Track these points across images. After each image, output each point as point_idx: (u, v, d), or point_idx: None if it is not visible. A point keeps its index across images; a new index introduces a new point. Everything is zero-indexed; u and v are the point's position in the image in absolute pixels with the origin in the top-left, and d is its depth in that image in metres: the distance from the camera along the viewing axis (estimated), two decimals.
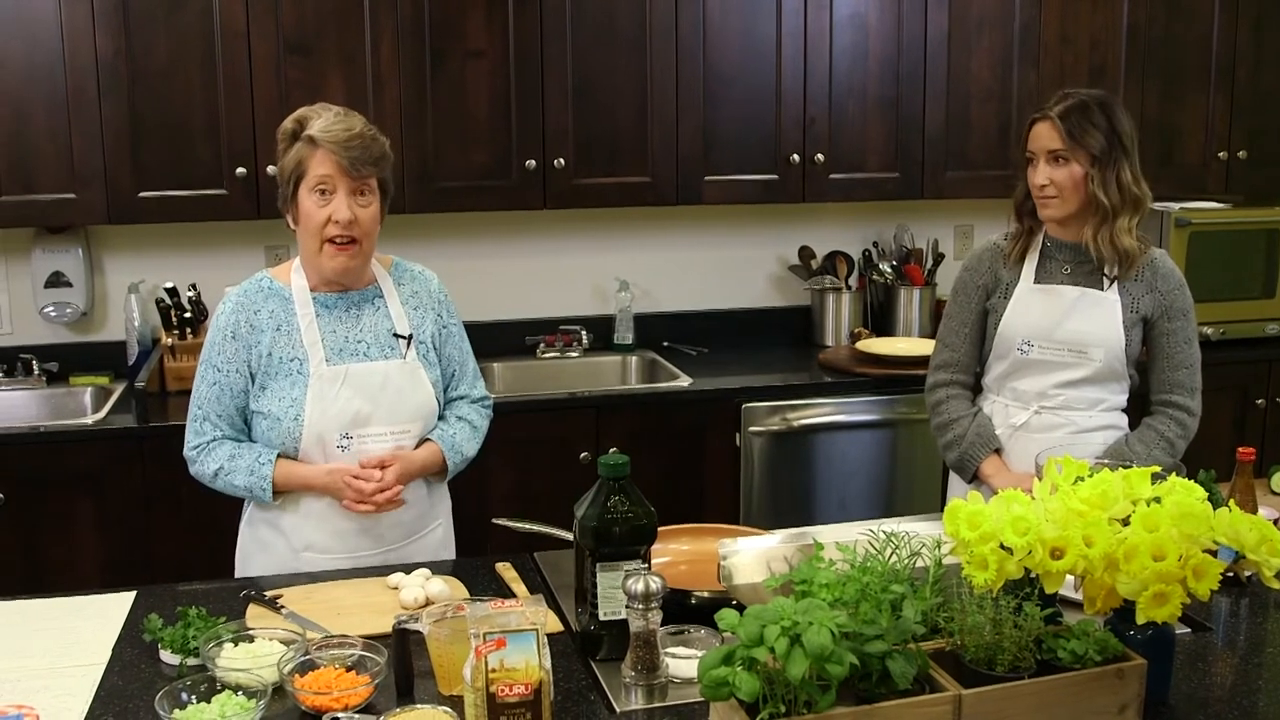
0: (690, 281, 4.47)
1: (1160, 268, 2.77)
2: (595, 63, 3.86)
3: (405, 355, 2.48)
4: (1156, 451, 2.73)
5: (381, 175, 2.43)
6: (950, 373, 2.97)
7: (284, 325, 2.44)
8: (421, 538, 2.56)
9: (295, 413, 2.39)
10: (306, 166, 2.37)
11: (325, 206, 2.36)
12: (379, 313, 2.50)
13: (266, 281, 2.49)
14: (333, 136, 2.34)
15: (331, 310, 2.47)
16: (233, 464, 2.42)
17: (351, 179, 2.36)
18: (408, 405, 2.47)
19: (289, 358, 2.42)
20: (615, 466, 1.96)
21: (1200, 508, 1.71)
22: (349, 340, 2.46)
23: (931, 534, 1.86)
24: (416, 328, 2.52)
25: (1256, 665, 1.99)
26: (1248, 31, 4.41)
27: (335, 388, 2.41)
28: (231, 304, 2.47)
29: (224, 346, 2.43)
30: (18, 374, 3.83)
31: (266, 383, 2.42)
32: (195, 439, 2.46)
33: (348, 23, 3.65)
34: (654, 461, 3.66)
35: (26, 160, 3.50)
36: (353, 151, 2.34)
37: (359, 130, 2.37)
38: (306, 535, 2.46)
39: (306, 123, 2.38)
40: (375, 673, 1.85)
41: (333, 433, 2.41)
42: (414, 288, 2.57)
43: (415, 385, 2.49)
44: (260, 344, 2.42)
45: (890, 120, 4.15)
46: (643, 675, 1.84)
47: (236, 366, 2.43)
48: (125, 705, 1.85)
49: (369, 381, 2.44)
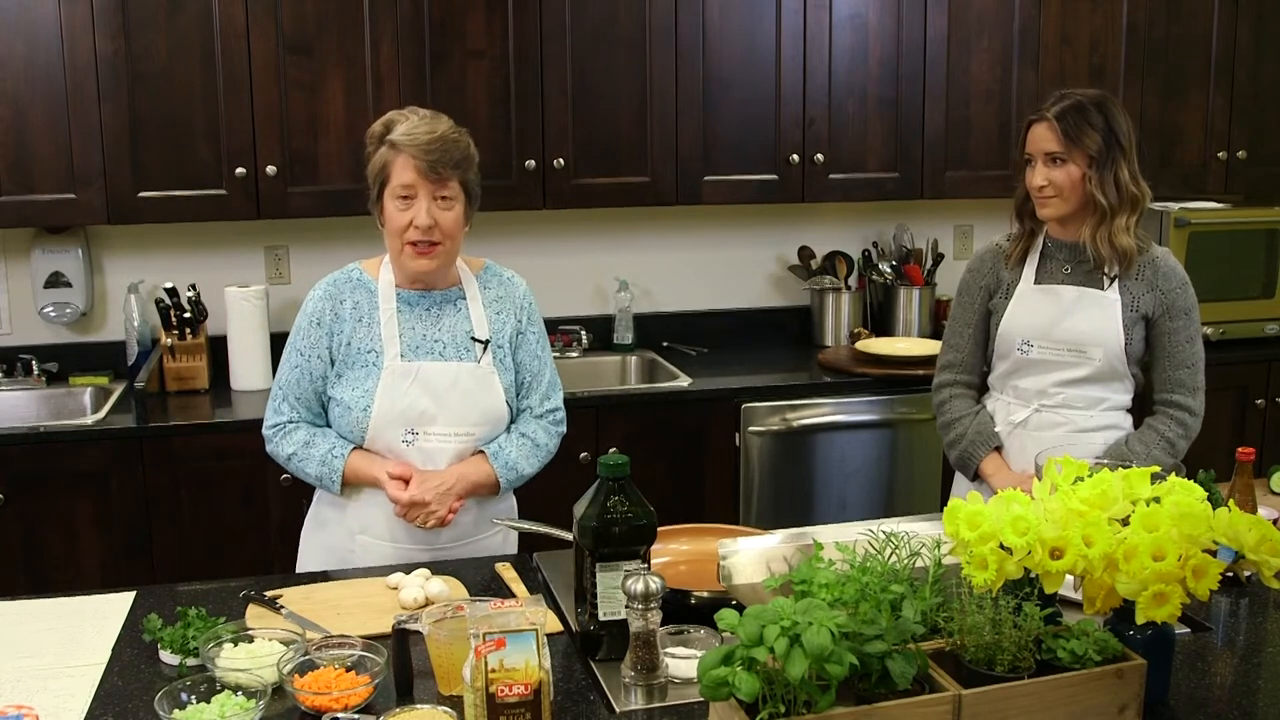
0: (690, 281, 4.47)
1: (1162, 266, 2.77)
2: (595, 63, 3.87)
3: (480, 359, 2.50)
4: (1156, 451, 2.73)
5: (464, 178, 2.44)
6: (954, 373, 2.97)
7: (365, 317, 2.49)
8: (478, 540, 2.56)
9: (365, 403, 2.44)
10: (389, 172, 2.41)
11: (406, 211, 2.40)
12: (460, 314, 2.53)
13: (356, 273, 2.54)
14: (413, 140, 2.37)
15: (413, 308, 2.51)
16: (306, 451, 2.48)
17: (431, 182, 2.38)
18: (474, 408, 2.49)
19: (366, 349, 2.47)
20: (615, 466, 1.96)
21: (1200, 508, 1.71)
22: (426, 339, 2.49)
23: (931, 534, 1.86)
24: (496, 332, 2.54)
25: (1256, 665, 1.99)
26: (1247, 31, 4.42)
27: (406, 383, 2.45)
28: (321, 291, 2.53)
29: (309, 332, 2.50)
30: (17, 374, 3.83)
31: (344, 371, 2.48)
32: (274, 418, 2.53)
33: (348, 23, 3.65)
34: (654, 461, 3.67)
35: (26, 160, 3.50)
36: (433, 155, 2.37)
37: (441, 133, 2.40)
38: (364, 519, 2.50)
39: (392, 127, 2.42)
40: (375, 673, 1.85)
41: (398, 427, 2.45)
42: (499, 291, 2.59)
43: (485, 389, 2.50)
44: (342, 333, 2.48)
45: (890, 120, 4.16)
46: (642, 675, 1.84)
47: (319, 353, 2.49)
48: (125, 705, 1.85)
49: (438, 381, 2.46)
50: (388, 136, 2.41)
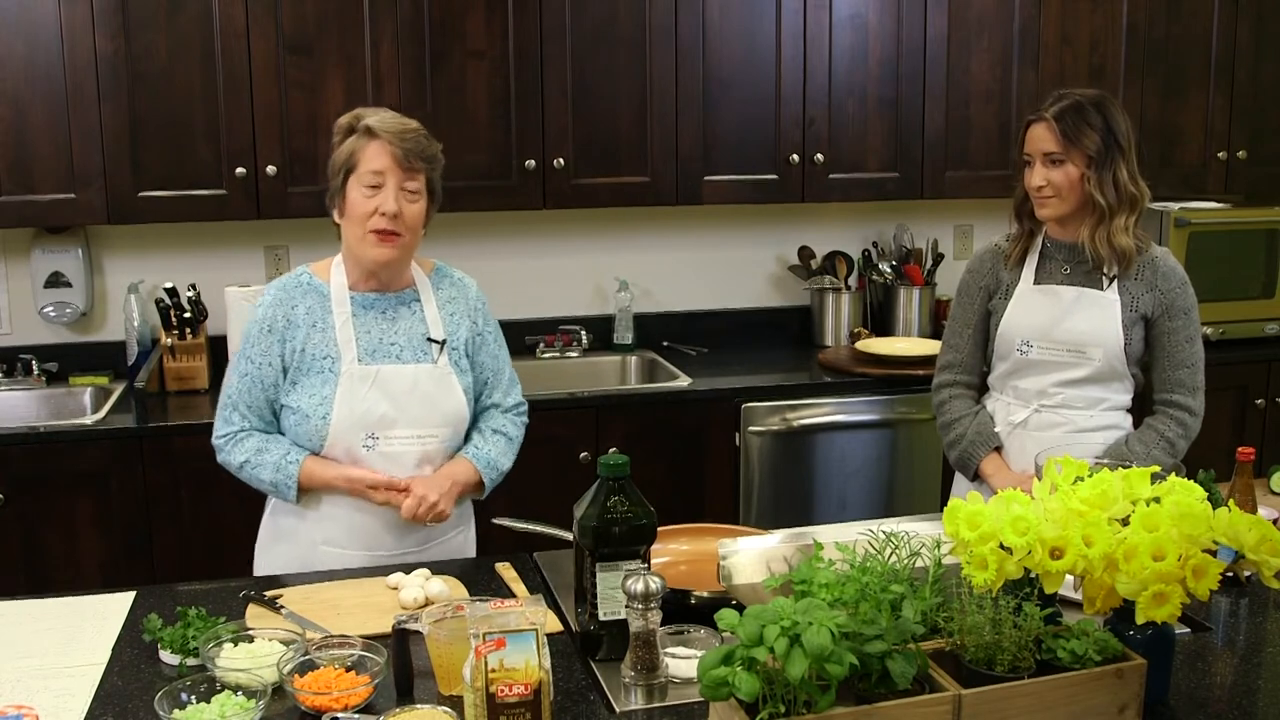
0: (690, 281, 4.47)
1: (1161, 266, 2.77)
2: (595, 63, 3.87)
3: (437, 360, 2.49)
4: (1156, 451, 2.73)
5: (431, 175, 2.45)
6: (954, 373, 2.97)
7: (319, 322, 2.46)
8: (441, 542, 2.55)
9: (324, 411, 2.41)
10: (359, 159, 2.39)
11: (373, 198, 2.39)
12: (415, 316, 2.52)
13: (306, 277, 2.51)
14: (389, 127, 2.39)
15: (368, 310, 2.49)
16: (259, 458, 2.44)
17: (403, 170, 2.38)
18: (435, 410, 2.48)
19: (322, 355, 2.44)
20: (615, 466, 1.96)
21: (1200, 508, 1.71)
22: (383, 342, 2.47)
23: (931, 534, 1.86)
24: (451, 333, 2.53)
25: (1256, 665, 1.99)
26: (1247, 31, 4.42)
27: (364, 388, 2.42)
28: (270, 298, 2.49)
29: (259, 340, 2.45)
30: (17, 374, 3.83)
31: (298, 378, 2.44)
32: (224, 428, 2.49)
33: (347, 23, 3.65)
34: (654, 461, 3.66)
35: (26, 160, 3.50)
36: (407, 143, 2.38)
37: (414, 126, 2.43)
38: (327, 529, 2.47)
39: (363, 117, 2.43)
40: (375, 673, 1.85)
41: (358, 432, 2.42)
42: (452, 293, 2.58)
43: (445, 391, 2.49)
44: (295, 339, 2.45)
45: (890, 120, 4.16)
46: (642, 675, 1.84)
47: (270, 360, 2.45)
48: (125, 705, 1.85)
49: (398, 384, 2.45)
50: (361, 124, 2.40)
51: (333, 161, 2.45)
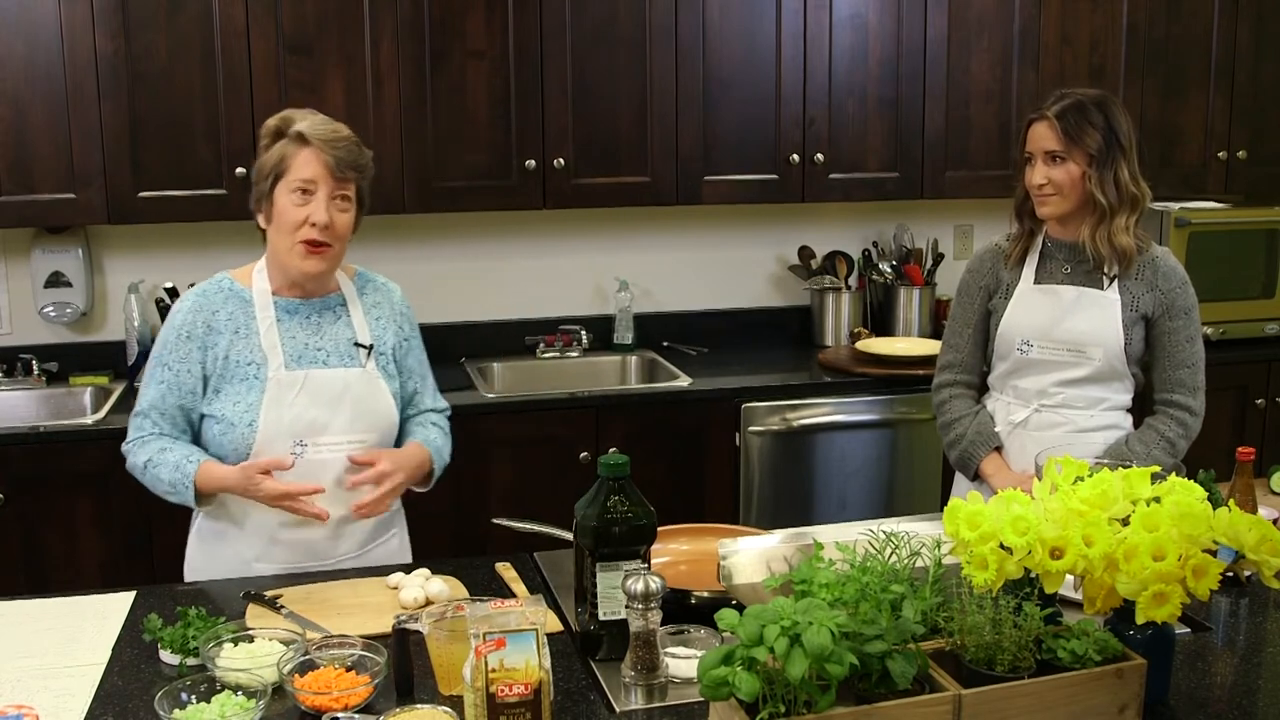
0: (690, 281, 4.47)
1: (1161, 266, 2.77)
2: (595, 62, 3.86)
3: (365, 365, 2.45)
4: (1156, 451, 2.73)
5: (361, 184, 2.40)
6: (954, 373, 2.97)
7: (242, 328, 2.40)
8: (378, 546, 2.53)
9: (250, 418, 2.35)
10: (289, 165, 2.33)
11: (303, 207, 2.32)
12: (340, 321, 2.47)
13: (227, 283, 2.44)
14: (320, 134, 2.33)
15: (293, 316, 2.43)
16: (161, 457, 2.36)
17: (334, 179, 2.33)
18: (366, 415, 2.43)
19: (246, 361, 2.38)
20: (615, 466, 1.96)
21: (1200, 508, 1.71)
22: (309, 347, 2.42)
23: (931, 534, 1.86)
24: (378, 339, 2.49)
25: (1256, 665, 1.99)
26: (1247, 31, 4.42)
27: (293, 393, 2.37)
28: (189, 304, 2.42)
29: (178, 346, 2.38)
30: (17, 374, 3.82)
31: (221, 386, 2.38)
32: (133, 433, 2.42)
33: (348, 23, 3.65)
34: (654, 461, 3.66)
35: (26, 160, 3.50)
36: (339, 151, 2.33)
37: (346, 134, 2.37)
38: (258, 548, 2.42)
39: (292, 121, 2.36)
40: (375, 673, 1.85)
41: (287, 439, 2.36)
42: (377, 298, 2.54)
43: (375, 395, 2.45)
44: (217, 346, 2.38)
45: (890, 120, 4.16)
46: (642, 675, 1.84)
47: (189, 367, 2.38)
48: (125, 705, 1.85)
49: (328, 389, 2.40)
50: (291, 129, 2.34)
51: (260, 165, 2.38)
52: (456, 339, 4.19)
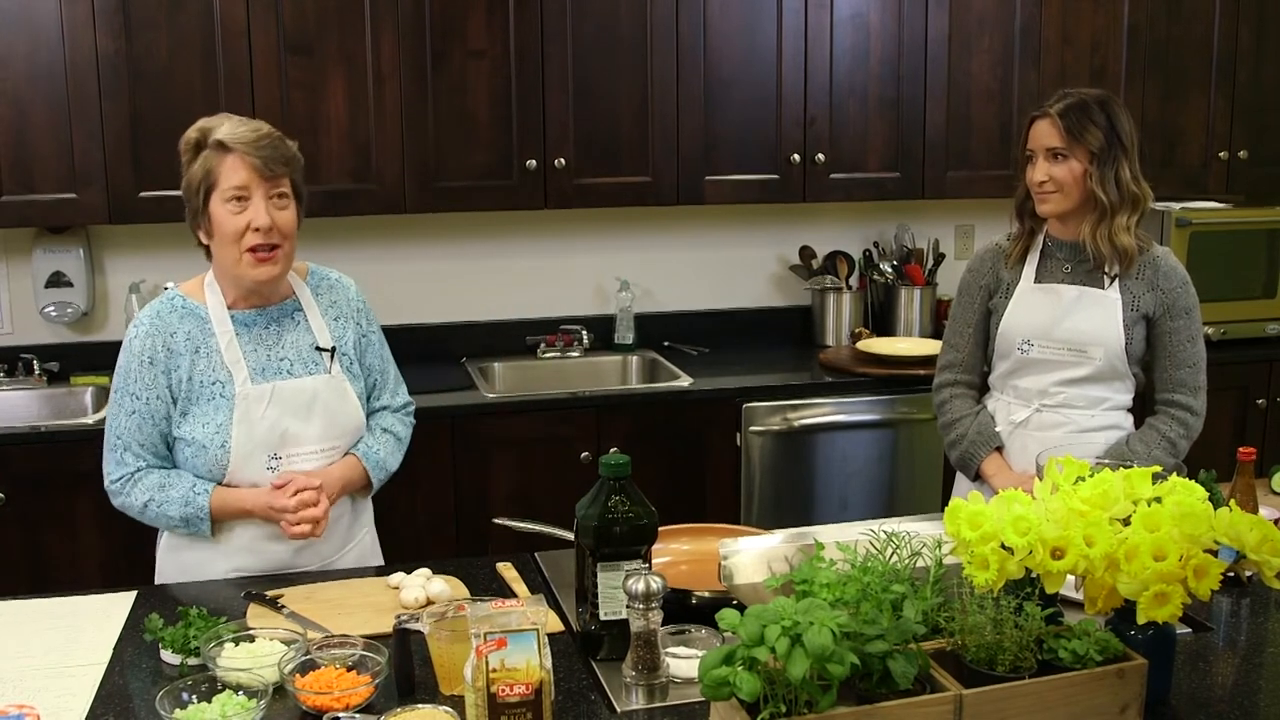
0: (691, 281, 4.47)
1: (1162, 266, 2.77)
2: (596, 62, 3.86)
3: (330, 369, 2.43)
4: (1157, 451, 2.73)
5: (294, 176, 2.35)
6: (955, 373, 2.97)
7: (202, 347, 2.35)
8: (350, 549, 2.52)
9: (221, 439, 2.32)
10: (217, 175, 2.28)
11: (242, 214, 2.27)
12: (299, 327, 2.43)
13: (180, 300, 2.39)
14: (241, 138, 2.27)
15: (250, 328, 2.39)
16: (164, 495, 2.34)
17: (266, 180, 2.27)
18: (337, 421, 2.42)
19: (210, 380, 2.34)
20: (616, 466, 1.96)
21: (1201, 508, 1.71)
22: (271, 359, 2.38)
23: (932, 534, 1.86)
24: (338, 339, 2.46)
25: (1257, 665, 1.99)
26: (1248, 31, 4.42)
27: (262, 407, 2.34)
28: (145, 327, 2.36)
29: (141, 373, 2.33)
30: (18, 374, 3.83)
31: (188, 408, 2.34)
32: (118, 470, 2.38)
33: (349, 22, 3.65)
34: (655, 461, 3.66)
35: (27, 160, 3.50)
36: (264, 151, 2.27)
37: (266, 131, 2.32)
38: (235, 559, 2.39)
39: (211, 131, 2.30)
40: (376, 672, 1.85)
41: (261, 454, 2.34)
42: (332, 297, 2.50)
43: (343, 400, 2.43)
44: (179, 368, 2.34)
45: (891, 120, 4.16)
46: (643, 675, 1.84)
47: (156, 393, 2.33)
48: (126, 705, 1.85)
49: (297, 399, 2.37)
50: (210, 139, 2.28)
51: (187, 182, 2.32)
52: (457, 339, 4.19)
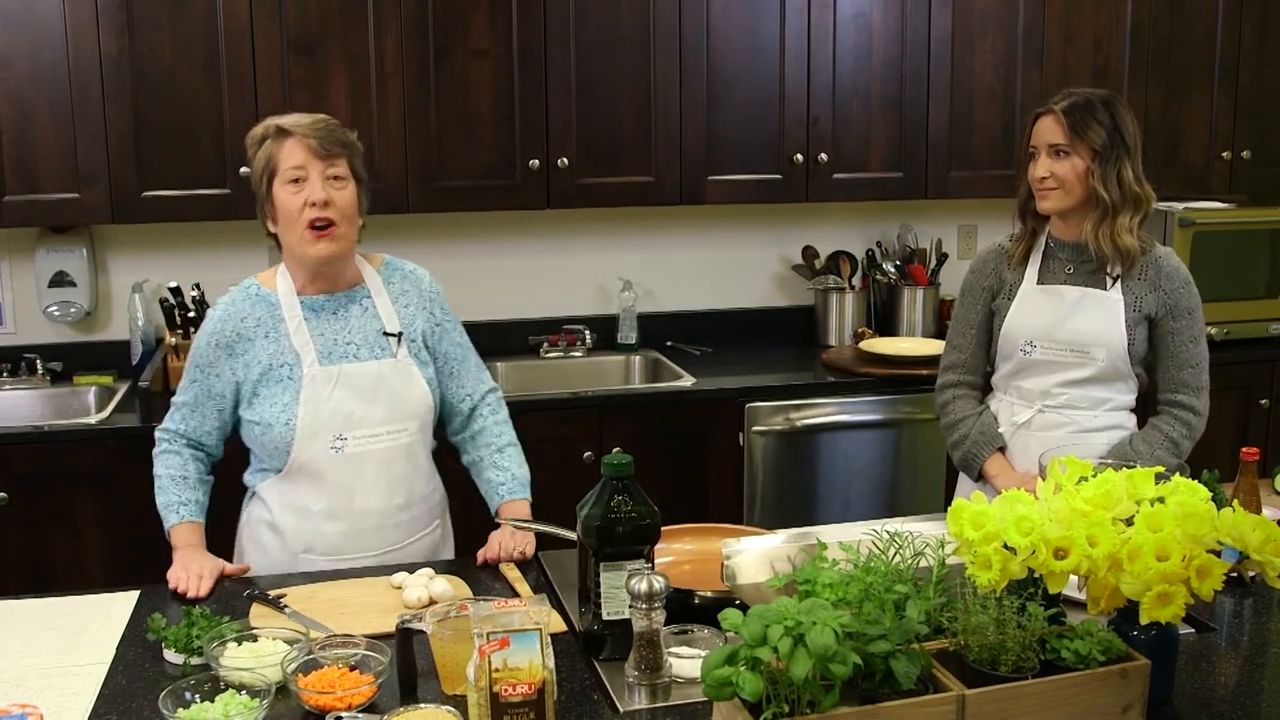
0: (694, 281, 4.47)
1: (1165, 266, 2.77)
2: (599, 62, 3.86)
3: (396, 354, 2.48)
4: (1160, 451, 2.73)
5: (352, 161, 2.44)
6: (957, 374, 2.97)
7: (272, 331, 2.44)
8: (420, 539, 2.56)
9: (287, 418, 2.39)
10: (277, 160, 2.39)
11: (299, 194, 2.37)
12: (367, 313, 2.50)
13: (254, 288, 2.49)
14: (299, 123, 2.39)
15: (319, 313, 2.47)
16: (161, 484, 2.51)
17: (321, 159, 2.37)
18: (403, 404, 2.47)
19: (279, 364, 2.42)
20: (619, 466, 1.96)
21: (1204, 508, 1.71)
22: (338, 343, 2.45)
23: (935, 534, 1.86)
24: (407, 325, 2.52)
25: (1260, 666, 1.99)
26: (1251, 31, 4.41)
27: (328, 389, 2.41)
28: (220, 312, 2.47)
29: (209, 353, 2.44)
30: (21, 373, 3.83)
31: (258, 390, 2.43)
32: (167, 423, 2.52)
33: (351, 22, 3.65)
34: (657, 461, 3.66)
35: (31, 160, 3.50)
36: (320, 133, 2.38)
37: (324, 117, 2.44)
38: (306, 538, 2.46)
39: (273, 124, 2.42)
40: (378, 672, 1.85)
41: (325, 434, 2.41)
42: (404, 285, 2.57)
43: (409, 383, 2.49)
44: (249, 352, 2.43)
45: (894, 120, 4.15)
46: (646, 675, 1.84)
47: (218, 371, 2.44)
48: (129, 704, 1.85)
49: (362, 382, 2.43)
50: (272, 128, 2.41)
51: (253, 173, 2.45)
52: None
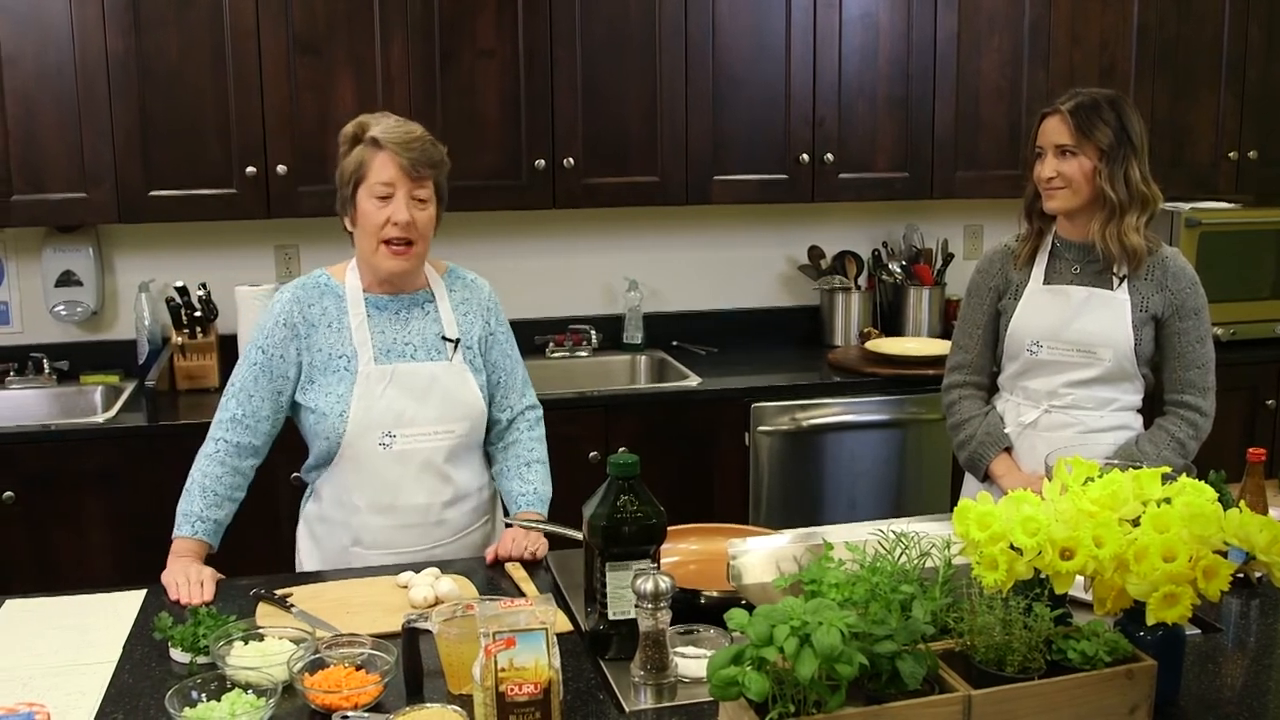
0: (699, 281, 4.47)
1: (1171, 266, 2.77)
2: (605, 62, 3.87)
3: (451, 358, 2.52)
4: (1167, 452, 2.73)
5: (439, 179, 2.48)
6: (964, 374, 2.97)
7: (335, 323, 2.49)
8: (469, 533, 2.59)
9: (340, 409, 2.45)
10: (367, 170, 2.41)
11: (384, 209, 2.41)
12: (429, 317, 2.55)
13: (324, 278, 2.54)
14: (395, 138, 2.40)
15: (382, 311, 2.52)
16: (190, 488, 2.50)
17: (411, 180, 2.40)
18: (454, 406, 2.51)
19: (338, 354, 2.47)
20: (625, 466, 1.97)
21: (1210, 508, 1.71)
22: (397, 342, 2.50)
23: (941, 534, 1.85)
24: (465, 332, 2.57)
25: (1267, 666, 1.98)
26: (1258, 30, 4.41)
27: (381, 386, 2.46)
28: (288, 295, 2.52)
29: (274, 332, 2.48)
30: (28, 373, 3.84)
31: (315, 377, 2.48)
32: (220, 414, 2.49)
33: (358, 22, 3.65)
34: (663, 461, 3.67)
35: (37, 159, 3.51)
36: (413, 153, 2.40)
37: (419, 134, 2.45)
38: (357, 531, 2.51)
39: (368, 126, 2.44)
40: (384, 671, 1.85)
41: (375, 430, 2.45)
42: (465, 294, 2.62)
43: (462, 386, 2.53)
44: (311, 337, 2.48)
45: (900, 120, 4.15)
46: (652, 675, 1.84)
47: (283, 352, 2.47)
48: (136, 703, 1.85)
49: (414, 382, 2.48)
50: (367, 135, 2.42)
51: (341, 171, 2.47)
52: None
